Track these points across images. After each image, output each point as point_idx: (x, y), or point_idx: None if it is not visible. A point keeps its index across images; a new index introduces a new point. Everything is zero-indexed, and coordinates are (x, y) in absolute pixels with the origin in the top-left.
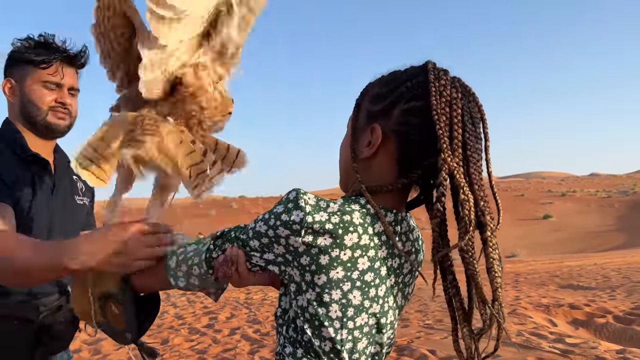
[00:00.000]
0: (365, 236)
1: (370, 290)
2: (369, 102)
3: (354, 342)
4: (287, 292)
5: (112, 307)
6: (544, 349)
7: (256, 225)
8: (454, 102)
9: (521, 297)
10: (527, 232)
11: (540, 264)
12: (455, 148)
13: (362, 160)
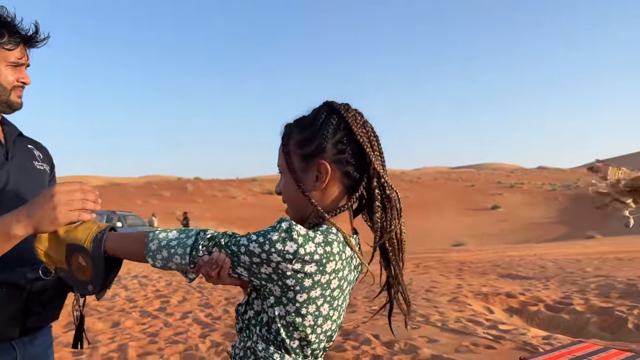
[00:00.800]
0: (339, 262)
1: (335, 302)
2: (297, 147)
3: (318, 343)
4: (259, 298)
5: (80, 259)
6: (478, 335)
7: (250, 244)
8: (365, 124)
9: (463, 286)
10: (476, 222)
11: (484, 253)
12: (378, 157)
13: (315, 194)
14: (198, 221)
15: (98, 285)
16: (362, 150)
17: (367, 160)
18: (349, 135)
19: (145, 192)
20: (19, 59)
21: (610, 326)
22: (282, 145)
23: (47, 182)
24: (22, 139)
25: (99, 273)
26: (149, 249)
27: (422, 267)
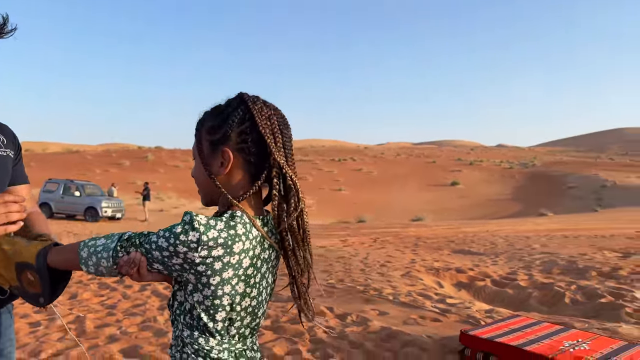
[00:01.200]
0: (247, 242)
1: (251, 279)
2: (207, 134)
3: (241, 320)
4: (181, 289)
5: (29, 275)
6: (426, 308)
7: (158, 240)
8: (271, 116)
9: (417, 261)
10: (436, 198)
11: (441, 229)
12: (280, 148)
13: (220, 178)
14: (159, 192)
15: (47, 296)
16: (264, 141)
17: (268, 151)
18: (253, 126)
19: (104, 160)
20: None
21: (549, 300)
22: (196, 131)
23: (11, 166)
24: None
25: (46, 286)
26: (81, 257)
27: (379, 242)
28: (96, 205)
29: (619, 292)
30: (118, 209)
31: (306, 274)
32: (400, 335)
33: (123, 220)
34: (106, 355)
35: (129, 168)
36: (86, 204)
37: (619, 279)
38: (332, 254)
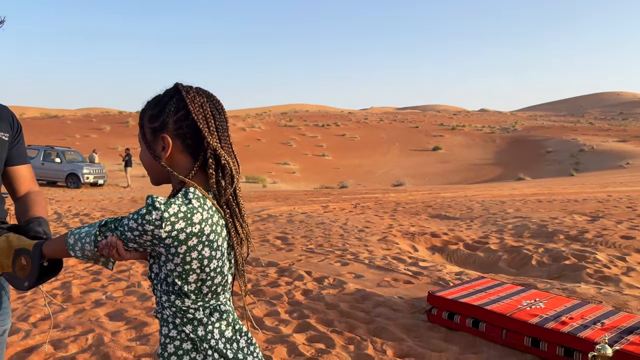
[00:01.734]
0: (204, 212)
1: (214, 243)
2: (148, 122)
3: (211, 279)
4: (155, 262)
5: (22, 260)
6: (399, 271)
7: (129, 222)
8: (203, 104)
9: (394, 226)
10: (417, 163)
11: (420, 194)
12: (212, 132)
13: (164, 160)
14: None
15: (32, 281)
16: (198, 126)
17: (202, 135)
18: (187, 114)
19: (84, 125)
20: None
21: (518, 263)
22: (139, 120)
23: (7, 149)
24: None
25: (34, 271)
26: (68, 243)
27: (359, 207)
28: (77, 171)
29: (583, 255)
30: (100, 176)
31: (245, 244)
32: (374, 297)
33: (105, 186)
34: (93, 318)
35: (109, 133)
36: (67, 171)
37: (584, 241)
38: (312, 219)
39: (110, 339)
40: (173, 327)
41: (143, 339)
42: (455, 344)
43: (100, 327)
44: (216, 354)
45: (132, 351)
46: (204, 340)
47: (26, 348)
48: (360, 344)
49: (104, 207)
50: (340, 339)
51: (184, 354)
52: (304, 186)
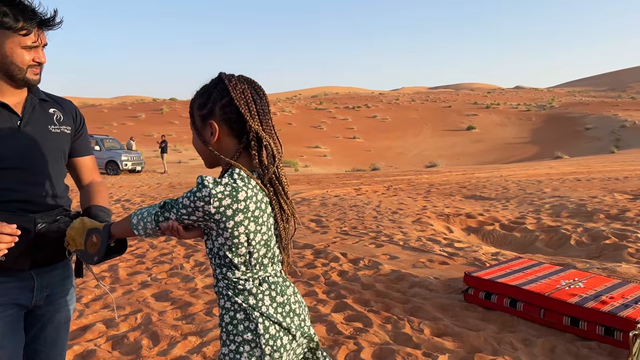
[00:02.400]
0: (249, 190)
1: (259, 219)
2: (197, 110)
3: (257, 251)
4: (209, 238)
5: (94, 237)
6: (435, 252)
7: (183, 200)
8: (244, 90)
9: (428, 207)
10: (450, 143)
11: (454, 175)
12: (254, 116)
13: (213, 145)
14: (176, 144)
15: (100, 255)
16: (240, 112)
17: (245, 119)
18: (230, 101)
19: (120, 113)
20: (34, 42)
21: (555, 243)
22: (190, 109)
23: (67, 143)
24: (45, 104)
25: (103, 247)
26: (132, 223)
27: (392, 189)
28: (116, 158)
29: (624, 234)
30: (138, 162)
31: (291, 220)
32: (409, 277)
33: (143, 172)
34: (140, 299)
35: (144, 121)
36: (107, 158)
37: (626, 220)
38: (345, 202)
39: (157, 319)
40: (227, 299)
41: (188, 319)
42: (492, 323)
43: (147, 307)
44: (267, 321)
45: (179, 330)
46: (255, 308)
47: (80, 327)
48: (397, 323)
49: (143, 193)
50: (377, 318)
51: (238, 323)
52: (335, 169)
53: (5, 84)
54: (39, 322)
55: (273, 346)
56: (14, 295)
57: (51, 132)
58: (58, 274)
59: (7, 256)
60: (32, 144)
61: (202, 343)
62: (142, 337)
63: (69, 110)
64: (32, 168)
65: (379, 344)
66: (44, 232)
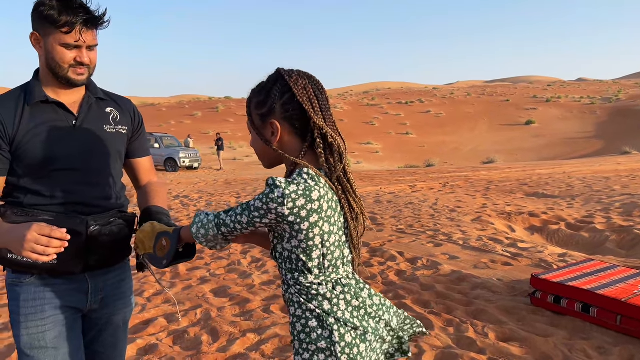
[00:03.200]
0: (321, 189)
1: (331, 219)
2: (255, 109)
3: (331, 253)
4: (279, 242)
5: (163, 241)
6: (497, 253)
7: (255, 203)
8: (306, 86)
9: (488, 205)
10: (508, 138)
11: (514, 171)
12: (317, 112)
13: (275, 144)
14: (231, 141)
15: (169, 259)
16: (304, 108)
17: (308, 116)
18: (292, 97)
19: (177, 112)
20: (75, 41)
21: (628, 244)
22: (247, 108)
23: (123, 143)
24: (101, 102)
25: (172, 250)
26: (192, 231)
27: (449, 186)
28: (175, 156)
29: None
30: (195, 159)
31: (360, 218)
32: (470, 278)
33: (200, 169)
34: (200, 294)
35: (201, 119)
36: (165, 155)
37: None
38: (400, 199)
39: (216, 314)
40: (298, 307)
41: (246, 315)
42: (563, 329)
43: (206, 302)
44: (342, 329)
45: (238, 326)
46: (330, 313)
47: (143, 321)
48: (460, 326)
49: (201, 189)
50: (439, 321)
51: (311, 330)
52: (387, 166)
53: (59, 83)
54: (97, 325)
55: (349, 354)
56: (68, 299)
57: (106, 132)
58: (113, 277)
59: (58, 259)
60: (87, 144)
61: (261, 341)
62: (202, 332)
63: (126, 110)
64: (86, 169)
65: (441, 348)
66: (96, 235)
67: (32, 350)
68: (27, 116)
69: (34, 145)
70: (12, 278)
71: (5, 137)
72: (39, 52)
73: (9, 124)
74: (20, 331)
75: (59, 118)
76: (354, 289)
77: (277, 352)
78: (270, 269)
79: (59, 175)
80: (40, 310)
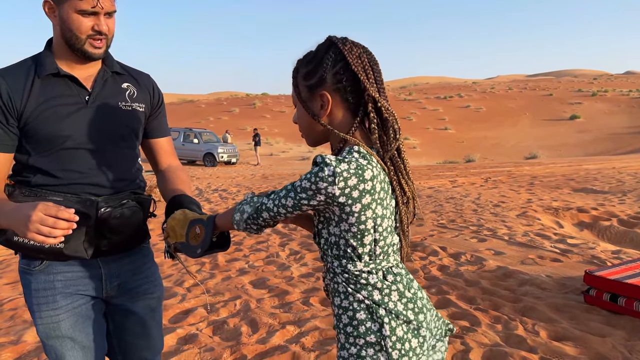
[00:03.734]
0: (374, 169)
1: (384, 201)
2: (303, 80)
3: (383, 239)
4: (324, 227)
5: (197, 229)
6: (545, 248)
7: (302, 183)
8: (361, 55)
9: (533, 200)
10: (551, 133)
11: (559, 166)
12: (372, 83)
13: (324, 118)
14: (268, 137)
15: (204, 248)
16: (357, 79)
17: (362, 87)
18: (346, 66)
19: (215, 108)
20: (92, 7)
21: None
22: (292, 79)
23: (140, 121)
24: (118, 77)
25: (207, 238)
26: (234, 218)
27: (491, 181)
28: (213, 151)
29: None
30: (233, 154)
31: (411, 203)
32: (518, 275)
33: (237, 164)
34: (239, 285)
35: (238, 115)
36: (204, 150)
37: None
38: (441, 194)
39: (256, 306)
40: (344, 297)
41: (285, 307)
42: (621, 329)
43: (246, 293)
44: (393, 322)
45: (277, 318)
46: (380, 304)
47: (183, 310)
48: (508, 323)
49: (239, 183)
50: (486, 317)
51: (359, 323)
52: (425, 161)
53: (74, 55)
54: (118, 312)
55: (401, 350)
56: (81, 287)
57: (121, 109)
58: (129, 263)
59: (66, 243)
60: (100, 121)
61: (300, 333)
62: (241, 323)
63: (144, 86)
64: (98, 148)
65: (489, 345)
66: (106, 217)
67: (49, 339)
68: (37, 89)
69: (43, 122)
70: (23, 264)
71: (12, 110)
72: (53, 22)
73: (17, 97)
74: (36, 320)
75: (71, 93)
76: (405, 279)
77: (318, 345)
78: (308, 261)
79: (69, 154)
80: (52, 301)
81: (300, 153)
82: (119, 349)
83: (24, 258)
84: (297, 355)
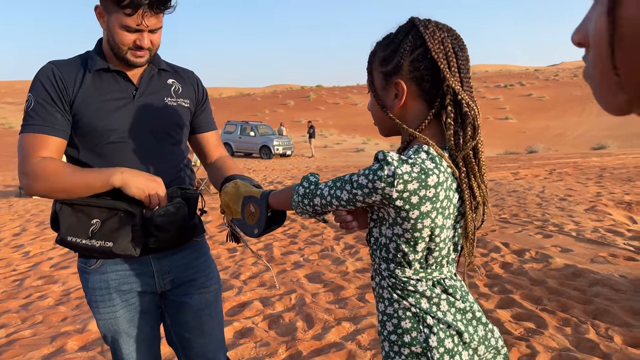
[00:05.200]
0: (441, 175)
1: (446, 211)
2: (379, 65)
3: (439, 250)
4: (376, 226)
5: (251, 207)
6: (618, 246)
7: (359, 179)
8: (444, 39)
9: (603, 194)
10: (621, 122)
11: (630, 157)
12: (454, 73)
13: (396, 110)
14: (322, 129)
15: (261, 228)
16: (437, 67)
17: (442, 77)
18: (425, 52)
19: (271, 101)
20: (138, 25)
21: None
22: (368, 64)
23: (185, 117)
24: (164, 74)
25: (263, 218)
26: (292, 199)
27: (556, 173)
28: (269, 143)
29: None
30: (288, 147)
31: (481, 208)
32: (587, 274)
33: (292, 157)
34: (294, 279)
35: (293, 107)
36: (260, 143)
37: None
38: (502, 187)
39: (311, 300)
40: (389, 304)
41: (341, 303)
42: None
43: (301, 287)
44: (442, 333)
45: (332, 314)
46: (428, 312)
47: (239, 303)
48: (578, 326)
49: (294, 176)
50: (553, 319)
51: (404, 332)
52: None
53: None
54: (172, 307)
55: None
56: (134, 283)
57: (167, 104)
58: (180, 258)
59: (114, 243)
60: (145, 116)
61: (356, 330)
62: (296, 318)
63: (189, 82)
64: (143, 142)
65: (558, 350)
66: (151, 215)
67: (108, 333)
68: (87, 82)
69: (90, 114)
70: (81, 263)
71: (67, 97)
72: (102, 26)
73: (69, 87)
74: (96, 316)
75: (119, 88)
76: (460, 292)
77: (374, 344)
78: (364, 256)
79: (115, 148)
80: (108, 299)
81: (355, 145)
82: (180, 345)
83: (81, 257)
84: (353, 354)
